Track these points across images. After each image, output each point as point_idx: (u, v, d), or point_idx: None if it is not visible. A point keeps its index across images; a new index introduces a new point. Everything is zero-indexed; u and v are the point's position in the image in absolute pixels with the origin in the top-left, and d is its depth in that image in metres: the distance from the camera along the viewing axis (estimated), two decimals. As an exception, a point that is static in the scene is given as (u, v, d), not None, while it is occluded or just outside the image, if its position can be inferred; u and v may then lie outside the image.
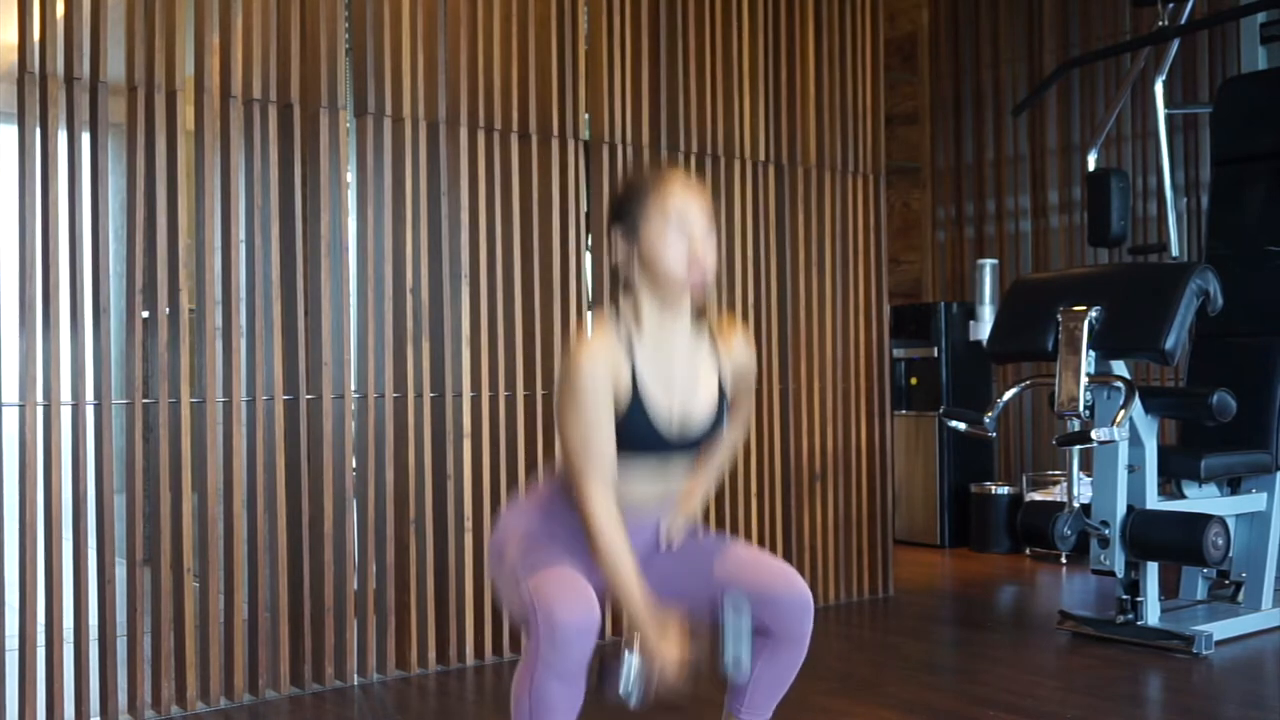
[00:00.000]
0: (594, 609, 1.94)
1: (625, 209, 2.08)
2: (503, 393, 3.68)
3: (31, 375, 2.95)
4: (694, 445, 2.15)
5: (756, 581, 2.13)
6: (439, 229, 3.59)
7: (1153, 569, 3.82)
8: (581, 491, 2.01)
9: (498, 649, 3.65)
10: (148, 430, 3.19)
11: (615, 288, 2.13)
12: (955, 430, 4.09)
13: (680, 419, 2.10)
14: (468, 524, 3.60)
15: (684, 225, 2.03)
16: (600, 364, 2.01)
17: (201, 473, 3.20)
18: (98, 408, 3.07)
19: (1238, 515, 4.02)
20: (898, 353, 6.07)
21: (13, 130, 2.99)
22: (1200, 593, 4.21)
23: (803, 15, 4.49)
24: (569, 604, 1.92)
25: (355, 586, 3.44)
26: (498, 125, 3.70)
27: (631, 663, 1.95)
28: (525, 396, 3.72)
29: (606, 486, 2.01)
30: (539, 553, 2.06)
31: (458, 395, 3.60)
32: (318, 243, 3.38)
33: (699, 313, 2.15)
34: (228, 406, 3.24)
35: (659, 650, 1.95)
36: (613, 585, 2.01)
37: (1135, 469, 3.81)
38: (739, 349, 2.21)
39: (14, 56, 2.98)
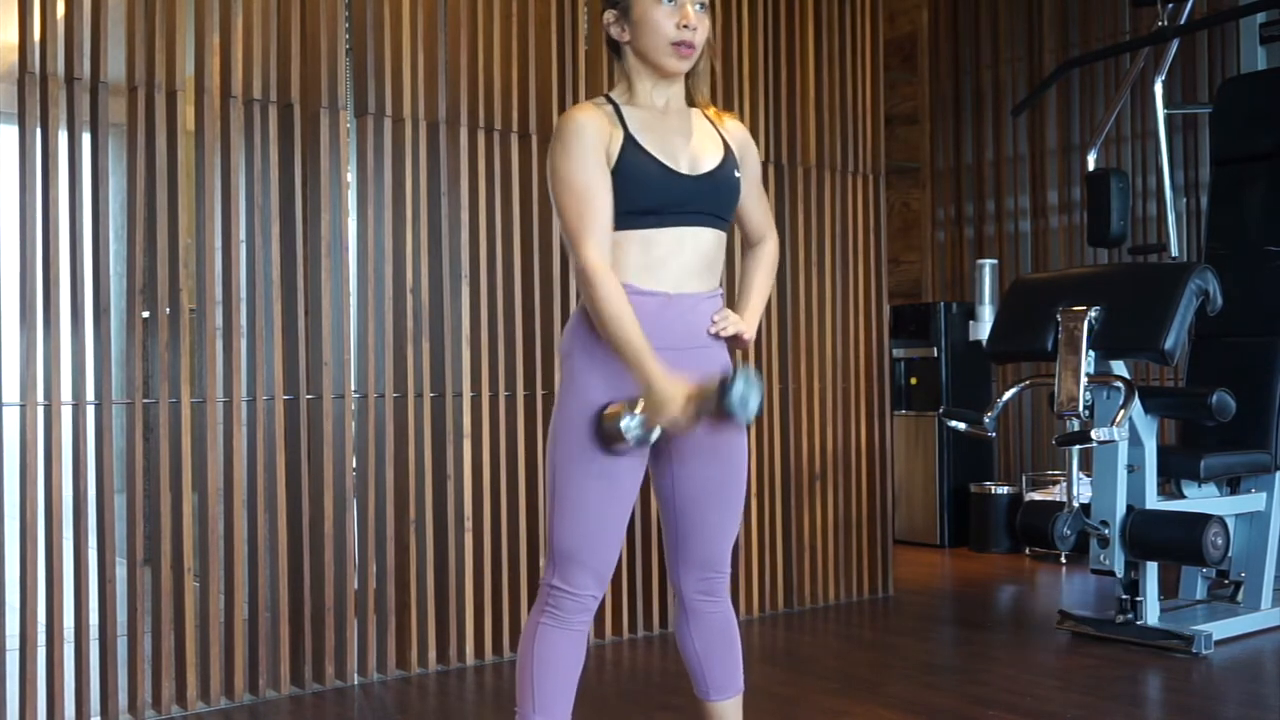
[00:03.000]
0: (603, 582, 2.02)
1: None
2: (503, 393, 3.68)
3: (32, 375, 2.95)
4: (713, 209, 2.06)
5: (691, 522, 2.11)
6: (439, 229, 3.60)
7: (1152, 569, 3.82)
8: (577, 258, 1.95)
9: (498, 649, 3.65)
10: (148, 430, 3.19)
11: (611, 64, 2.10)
12: (955, 430, 4.09)
13: (689, 169, 2.03)
14: (468, 524, 3.60)
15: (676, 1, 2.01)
16: (588, 123, 1.97)
17: (202, 473, 3.20)
18: (98, 407, 3.07)
19: (1237, 515, 4.02)
20: (898, 353, 6.07)
21: (13, 130, 3.00)
22: (1200, 592, 4.21)
23: (803, 15, 4.49)
24: (582, 573, 1.99)
25: (355, 586, 3.44)
26: (498, 125, 3.70)
27: (635, 420, 1.92)
28: (525, 396, 3.73)
29: (604, 252, 1.95)
30: (572, 447, 1.99)
31: (458, 395, 3.60)
32: (318, 243, 3.38)
33: (691, 99, 2.11)
34: (228, 406, 3.24)
35: (665, 410, 1.89)
36: (615, 341, 1.93)
37: (1135, 469, 3.81)
38: (737, 129, 2.16)
39: (14, 56, 2.99)
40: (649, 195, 1.99)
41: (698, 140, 2.08)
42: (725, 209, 2.10)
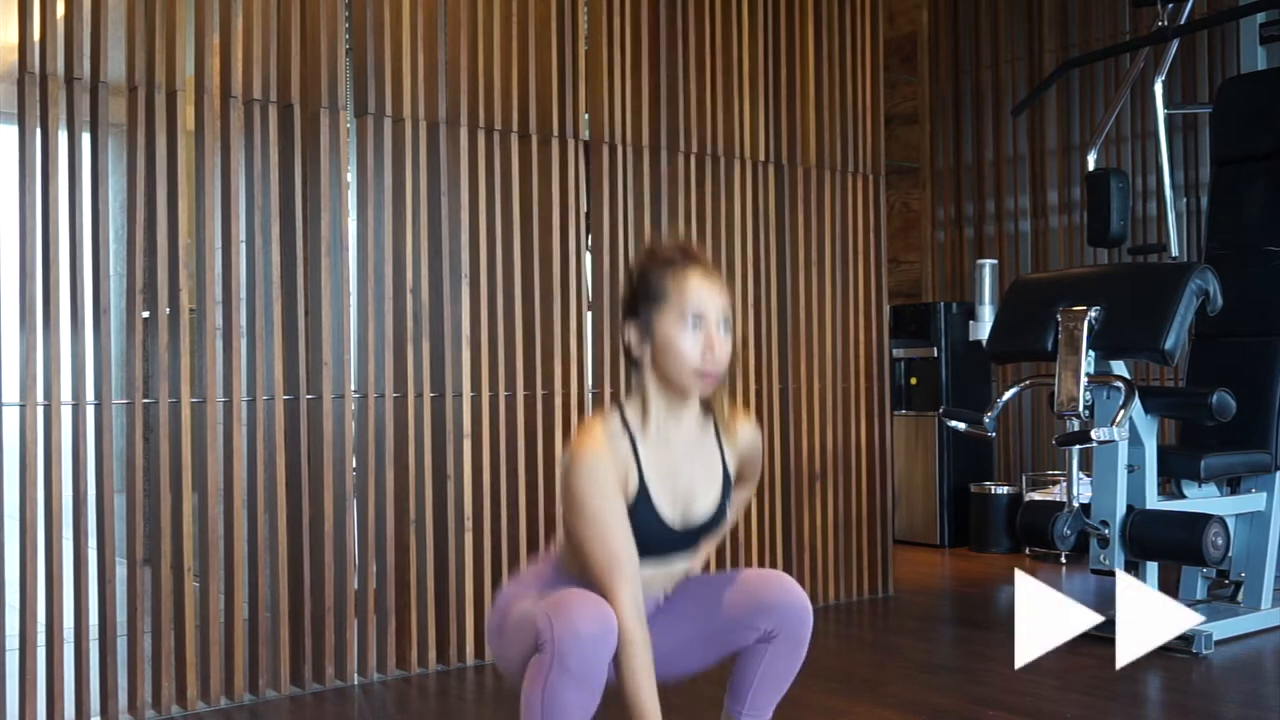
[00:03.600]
0: (612, 618, 1.92)
1: (640, 300, 2.03)
2: (503, 393, 3.68)
3: (32, 375, 2.95)
4: (696, 540, 2.14)
5: (756, 592, 2.13)
6: (439, 229, 3.60)
7: (1152, 569, 3.82)
8: (611, 600, 1.93)
9: (498, 649, 3.65)
10: (148, 430, 3.19)
11: (628, 374, 2.11)
12: (955, 430, 4.09)
13: (684, 518, 2.08)
14: (468, 524, 3.60)
15: (701, 323, 1.99)
16: (609, 468, 1.96)
17: (201, 473, 3.20)
18: (98, 408, 3.07)
19: (1237, 515, 4.02)
20: (898, 353, 6.08)
21: (13, 130, 3.00)
22: (1200, 592, 4.21)
23: (803, 15, 4.49)
24: (588, 612, 1.89)
25: (355, 586, 3.44)
26: (498, 125, 3.70)
27: None
28: (525, 396, 3.73)
29: (636, 593, 1.95)
30: (550, 590, 2.02)
31: (458, 395, 3.60)
32: (318, 243, 3.38)
33: (706, 405, 2.13)
34: (228, 406, 3.24)
35: None
36: (630, 702, 1.94)
37: (1135, 469, 3.81)
38: (746, 438, 2.21)
39: (14, 56, 2.99)
40: (645, 543, 2.03)
41: (701, 480, 2.11)
42: (708, 540, 2.18)
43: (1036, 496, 5.39)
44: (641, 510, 2.01)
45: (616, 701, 2.01)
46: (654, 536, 2.04)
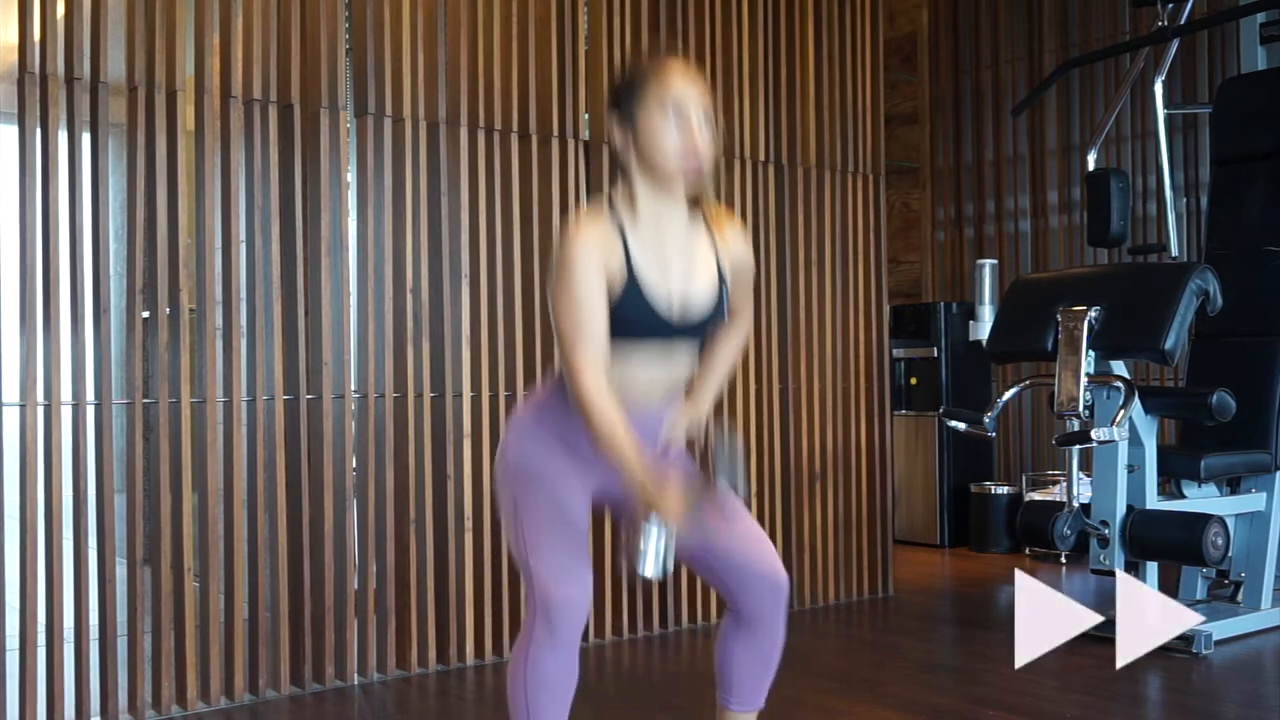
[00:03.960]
0: (586, 589, 2.02)
1: (624, 97, 2.06)
2: (503, 393, 3.68)
3: (32, 375, 2.95)
4: (696, 331, 2.10)
5: (741, 548, 2.12)
6: (439, 229, 3.60)
7: (1152, 569, 3.82)
8: (572, 370, 1.97)
9: (498, 649, 3.65)
10: (148, 430, 3.19)
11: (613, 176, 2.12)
12: (955, 430, 4.09)
13: (680, 300, 2.06)
14: (468, 524, 3.60)
15: (681, 114, 2.01)
16: (592, 245, 1.98)
17: (201, 473, 3.20)
18: (98, 408, 3.07)
19: (1237, 515, 4.02)
20: (898, 353, 6.07)
21: (13, 130, 3.00)
22: (1200, 592, 4.21)
23: (803, 15, 4.49)
24: (564, 584, 1.99)
25: (355, 586, 3.44)
26: (498, 125, 3.70)
27: (653, 535, 1.92)
28: (525, 396, 3.72)
29: (598, 365, 1.97)
30: (537, 500, 2.05)
31: (458, 395, 3.60)
32: (318, 243, 3.38)
33: (694, 202, 2.12)
34: (228, 406, 3.24)
35: (670, 515, 1.91)
36: (613, 457, 1.96)
37: (1135, 469, 3.81)
38: (735, 240, 2.18)
39: (14, 56, 2.99)
40: (637, 327, 2.03)
41: (695, 264, 2.10)
42: (707, 331, 2.15)
43: (1037, 496, 5.39)
44: (630, 288, 2.01)
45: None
46: (647, 316, 2.03)
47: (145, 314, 3.16)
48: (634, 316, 2.01)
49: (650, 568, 1.93)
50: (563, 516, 2.05)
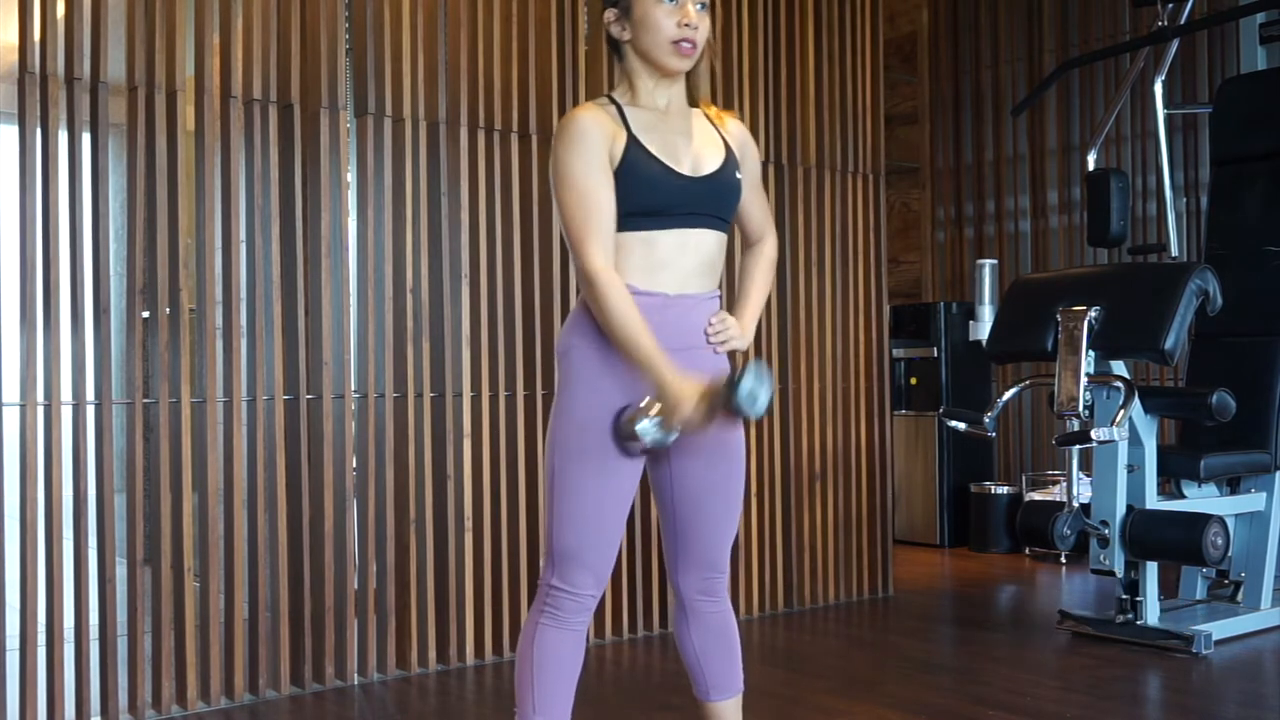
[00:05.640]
0: (602, 581, 2.02)
1: None
2: (503, 393, 3.68)
3: (32, 375, 2.95)
4: (715, 211, 2.07)
5: (700, 525, 2.11)
6: (439, 229, 3.60)
7: (1152, 569, 3.82)
8: (580, 261, 1.95)
9: (498, 649, 3.65)
10: (148, 430, 3.19)
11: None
12: (955, 430, 4.09)
13: (692, 167, 2.03)
14: (468, 524, 3.60)
15: (678, 1, 2.01)
16: (592, 127, 1.97)
17: (202, 473, 3.20)
18: (98, 407, 3.07)
19: (1237, 515, 4.02)
20: (898, 353, 6.07)
21: (13, 130, 3.00)
22: (1200, 592, 4.21)
23: (803, 15, 4.49)
24: (582, 571, 1.99)
25: (355, 586, 3.44)
26: (498, 125, 3.70)
27: (651, 421, 1.91)
28: (525, 396, 3.73)
29: (605, 251, 1.95)
30: (571, 447, 2.00)
31: (458, 395, 3.60)
32: (318, 243, 3.38)
33: (692, 98, 2.12)
34: (228, 406, 3.24)
35: (680, 410, 1.89)
36: (626, 349, 1.93)
37: (1135, 469, 3.81)
38: (738, 130, 2.17)
39: (14, 56, 2.99)
40: (652, 197, 1.99)
41: (699, 142, 2.08)
42: (726, 210, 2.11)
43: (1036, 496, 5.39)
44: (636, 162, 1.98)
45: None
46: (663, 186, 2.00)
47: (145, 314, 3.16)
48: (647, 187, 1.99)
49: (636, 438, 1.92)
50: (605, 470, 2.00)
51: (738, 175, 2.10)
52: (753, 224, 2.24)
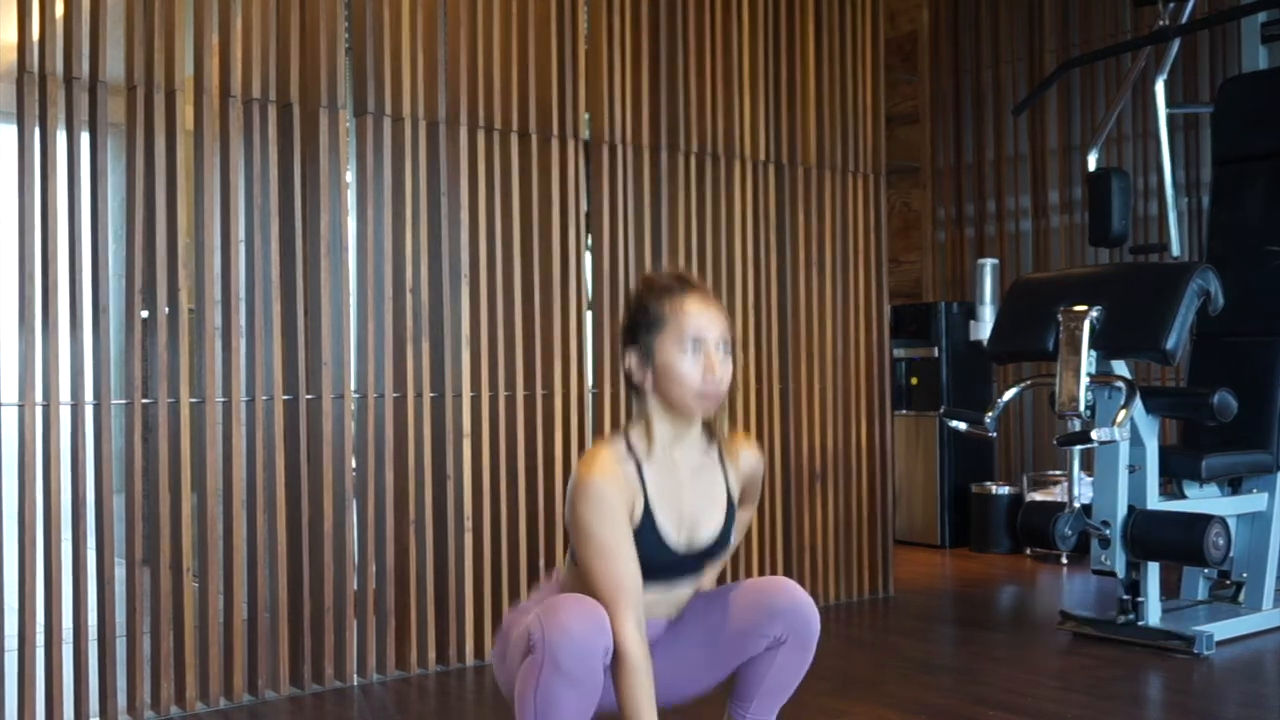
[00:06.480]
0: (604, 616, 1.93)
1: (639, 329, 2.05)
2: (503, 393, 3.68)
3: (31, 375, 2.95)
4: (701, 564, 2.15)
5: (762, 600, 2.14)
6: (439, 229, 3.59)
7: (1153, 569, 3.82)
8: (615, 624, 1.94)
9: (497, 649, 3.65)
10: (147, 430, 3.19)
11: (629, 399, 2.13)
12: (955, 430, 4.09)
13: (689, 542, 2.09)
14: (468, 524, 3.59)
15: (700, 346, 2.01)
16: (616, 494, 1.98)
17: (201, 473, 3.19)
18: (97, 408, 3.06)
19: (1239, 515, 4.02)
20: (898, 353, 6.07)
21: (12, 130, 2.99)
22: (1201, 593, 4.20)
23: (803, 15, 4.49)
24: (579, 610, 1.91)
25: (355, 586, 3.43)
26: (498, 125, 3.70)
27: None
28: (525, 396, 3.72)
29: (638, 618, 1.96)
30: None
31: (458, 395, 3.59)
32: (318, 243, 3.37)
33: (708, 427, 2.14)
34: (227, 406, 3.23)
35: None
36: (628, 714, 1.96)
37: (1136, 469, 3.80)
38: (748, 461, 2.23)
39: (13, 56, 2.98)
40: (648, 568, 2.04)
41: (705, 503, 2.12)
42: (713, 562, 2.20)
43: (1037, 497, 5.39)
44: (646, 534, 2.03)
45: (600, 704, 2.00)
46: (658, 560, 2.05)
47: (144, 314, 3.15)
48: (646, 560, 2.02)
49: None
50: None
51: (731, 533, 2.18)
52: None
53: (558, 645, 1.87)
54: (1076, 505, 3.77)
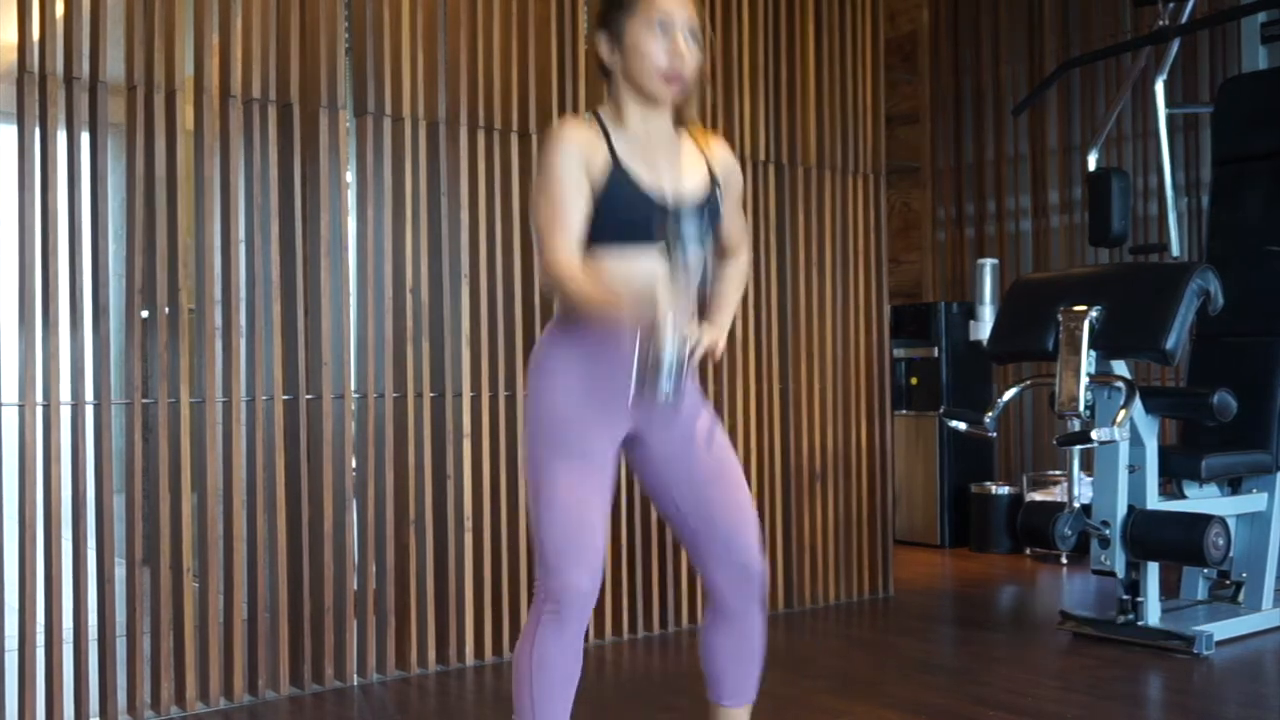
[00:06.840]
0: (595, 576, 1.99)
1: (612, 13, 2.07)
2: (503, 393, 3.68)
3: (31, 375, 2.95)
4: (695, 227, 2.02)
5: (726, 520, 2.15)
6: (439, 229, 3.59)
7: (1153, 569, 3.82)
8: (545, 257, 1.95)
9: (498, 649, 3.65)
10: (147, 430, 3.19)
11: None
12: (955, 430, 4.09)
13: (669, 191, 2.04)
14: (468, 524, 3.59)
15: (668, 29, 2.04)
16: (573, 143, 1.99)
17: (201, 473, 3.19)
18: (97, 408, 3.06)
19: (1238, 515, 4.02)
20: (898, 353, 6.07)
21: (12, 130, 2.99)
22: (1201, 593, 4.20)
23: (803, 15, 4.49)
24: (575, 566, 1.96)
25: (355, 586, 3.43)
26: (498, 125, 3.70)
27: (657, 355, 1.84)
28: (525, 396, 3.71)
29: (572, 252, 1.95)
30: (554, 446, 2.01)
31: (458, 395, 3.59)
32: (318, 243, 3.37)
33: (679, 120, 2.13)
34: (227, 406, 3.23)
35: (672, 319, 1.84)
36: (603, 309, 1.91)
37: (1136, 469, 3.80)
38: (721, 151, 2.19)
39: (14, 56, 2.98)
40: (630, 218, 2.01)
41: (684, 165, 2.10)
42: (709, 232, 2.11)
43: (1037, 497, 5.39)
44: (617, 184, 2.00)
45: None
46: (640, 209, 2.00)
47: (144, 314, 3.16)
48: (626, 208, 2.00)
49: (664, 387, 1.85)
50: (583, 457, 2.01)
51: (718, 197, 2.13)
52: (729, 240, 2.25)
53: (554, 602, 1.98)
54: (1076, 505, 3.77)
